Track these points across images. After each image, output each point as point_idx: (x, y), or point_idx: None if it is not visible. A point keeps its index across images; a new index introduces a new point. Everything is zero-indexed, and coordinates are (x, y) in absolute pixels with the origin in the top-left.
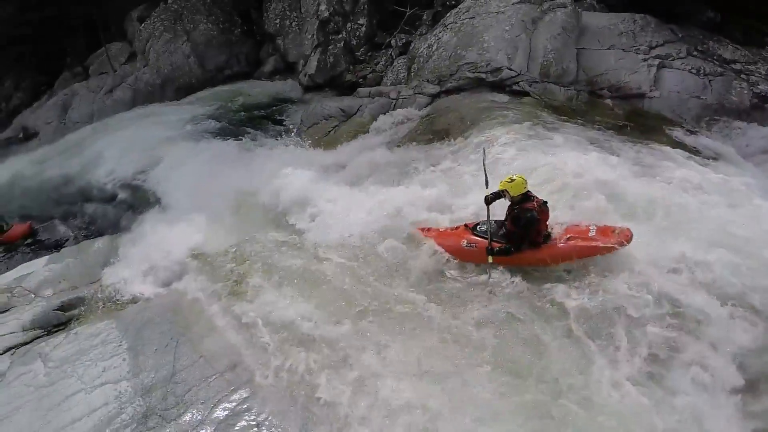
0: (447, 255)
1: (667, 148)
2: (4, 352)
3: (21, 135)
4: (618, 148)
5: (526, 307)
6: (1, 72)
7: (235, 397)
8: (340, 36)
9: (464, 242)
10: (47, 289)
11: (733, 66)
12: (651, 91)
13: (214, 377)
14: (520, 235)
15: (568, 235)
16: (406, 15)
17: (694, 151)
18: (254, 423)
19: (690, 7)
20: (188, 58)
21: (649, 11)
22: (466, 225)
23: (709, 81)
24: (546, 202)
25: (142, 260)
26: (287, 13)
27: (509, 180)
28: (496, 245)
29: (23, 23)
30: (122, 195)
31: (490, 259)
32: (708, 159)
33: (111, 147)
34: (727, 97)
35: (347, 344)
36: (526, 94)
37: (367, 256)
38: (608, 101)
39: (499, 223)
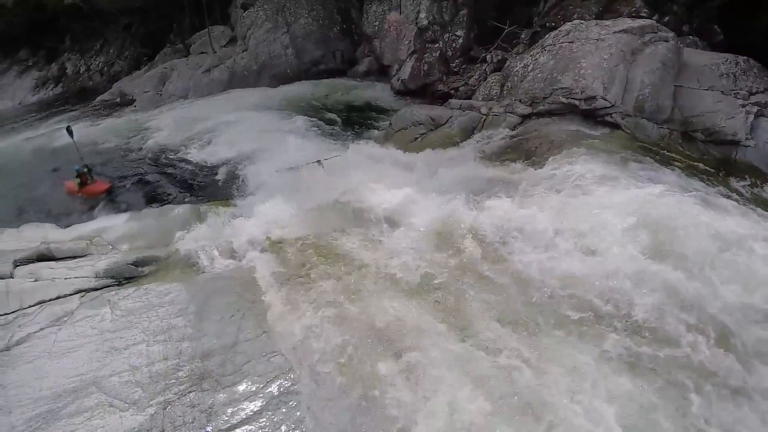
0: None
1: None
2: (75, 293)
3: (118, 99)
4: (707, 194)
5: None
6: (107, 38)
7: (291, 377)
8: (437, 45)
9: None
10: (124, 244)
11: None
12: (746, 139)
13: (274, 355)
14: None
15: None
16: (504, 32)
17: None
18: (305, 406)
19: None
20: (286, 49)
21: (753, 55)
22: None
23: None
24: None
25: (219, 234)
26: (387, 16)
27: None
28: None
29: None
30: (209, 168)
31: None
32: None
33: (204, 123)
34: None
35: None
36: (617, 126)
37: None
38: (700, 144)
39: None
